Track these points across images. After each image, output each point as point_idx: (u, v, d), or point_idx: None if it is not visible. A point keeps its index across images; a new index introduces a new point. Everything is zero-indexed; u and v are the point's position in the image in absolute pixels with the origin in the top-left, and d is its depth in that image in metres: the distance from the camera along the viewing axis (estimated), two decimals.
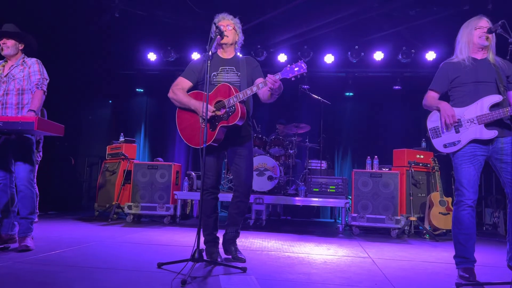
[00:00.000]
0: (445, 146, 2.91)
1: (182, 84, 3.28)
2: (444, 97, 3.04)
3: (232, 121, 3.03)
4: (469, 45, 2.93)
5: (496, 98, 2.80)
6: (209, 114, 2.99)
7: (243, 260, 3.20)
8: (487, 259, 3.85)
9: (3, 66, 3.58)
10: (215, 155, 3.25)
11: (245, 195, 3.27)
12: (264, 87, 2.98)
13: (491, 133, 2.77)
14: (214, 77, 3.23)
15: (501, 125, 2.80)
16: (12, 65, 3.55)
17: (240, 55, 3.40)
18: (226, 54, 3.34)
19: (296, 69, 2.91)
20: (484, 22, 2.91)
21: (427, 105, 3.06)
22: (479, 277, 2.77)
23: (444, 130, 2.92)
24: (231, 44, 3.32)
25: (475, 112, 2.83)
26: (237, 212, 3.29)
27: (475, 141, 2.81)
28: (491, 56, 2.92)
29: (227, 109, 3.04)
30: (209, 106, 2.98)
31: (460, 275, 2.78)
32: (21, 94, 3.49)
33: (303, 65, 2.90)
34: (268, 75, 2.94)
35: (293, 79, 2.94)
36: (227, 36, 3.22)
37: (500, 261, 3.74)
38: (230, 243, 3.32)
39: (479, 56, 2.94)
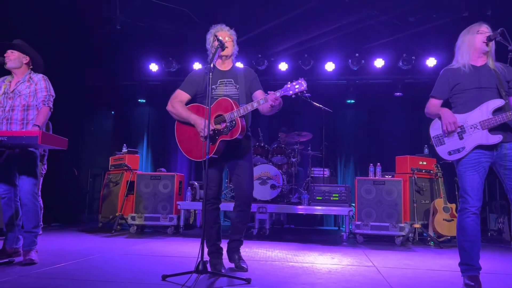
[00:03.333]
0: (449, 153, 2.90)
1: (180, 97, 3.30)
2: (446, 104, 3.03)
3: (233, 135, 3.07)
4: (471, 50, 2.92)
5: (499, 102, 2.79)
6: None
7: (245, 269, 3.23)
8: (493, 266, 3.82)
9: (10, 81, 3.60)
10: (216, 167, 3.27)
11: (246, 205, 3.29)
12: (264, 103, 3.02)
13: (496, 138, 2.76)
14: (213, 90, 3.23)
15: (505, 130, 2.79)
16: (18, 81, 3.58)
17: (238, 64, 3.41)
18: (224, 65, 3.36)
19: (296, 86, 2.95)
20: (484, 28, 2.91)
21: (429, 113, 3.06)
22: (485, 285, 2.75)
23: (447, 137, 2.91)
24: (230, 56, 3.34)
25: (478, 117, 2.82)
26: (239, 221, 3.33)
27: (479, 147, 2.80)
28: (491, 62, 2.91)
29: (228, 124, 3.08)
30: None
31: (465, 283, 2.76)
32: (26, 110, 3.52)
33: (303, 82, 2.94)
34: (269, 92, 2.98)
35: (293, 96, 2.99)
36: (227, 48, 3.23)
37: (506, 267, 3.73)
38: (233, 251, 3.35)
39: (479, 62, 2.93)
